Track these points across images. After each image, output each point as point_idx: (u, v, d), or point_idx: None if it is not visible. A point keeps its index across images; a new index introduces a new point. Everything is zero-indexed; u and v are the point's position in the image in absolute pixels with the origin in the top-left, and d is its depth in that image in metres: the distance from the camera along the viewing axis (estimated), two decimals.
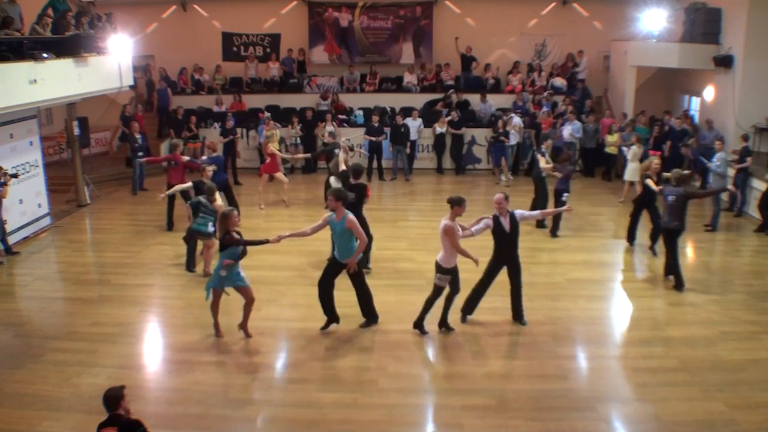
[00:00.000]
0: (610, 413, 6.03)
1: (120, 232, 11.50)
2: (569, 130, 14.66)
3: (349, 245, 7.24)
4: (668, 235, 8.83)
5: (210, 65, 17.45)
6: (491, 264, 7.61)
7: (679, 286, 8.74)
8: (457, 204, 7.08)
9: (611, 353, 7.21)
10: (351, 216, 7.17)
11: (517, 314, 7.77)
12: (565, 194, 10.66)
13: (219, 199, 9.27)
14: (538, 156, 11.35)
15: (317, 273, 9.22)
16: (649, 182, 9.65)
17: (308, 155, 14.12)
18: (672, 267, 8.86)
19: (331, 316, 7.57)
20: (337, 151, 12.45)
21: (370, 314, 7.68)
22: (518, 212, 7.56)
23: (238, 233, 7.13)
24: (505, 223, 7.42)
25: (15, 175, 10.14)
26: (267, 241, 7.26)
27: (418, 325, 7.49)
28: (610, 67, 17.52)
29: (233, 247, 7.02)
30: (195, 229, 9.08)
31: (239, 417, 6.00)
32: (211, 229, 8.91)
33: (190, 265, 9.51)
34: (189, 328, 7.72)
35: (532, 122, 15.53)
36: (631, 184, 12.74)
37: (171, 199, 11.06)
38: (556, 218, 11.09)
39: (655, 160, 10.06)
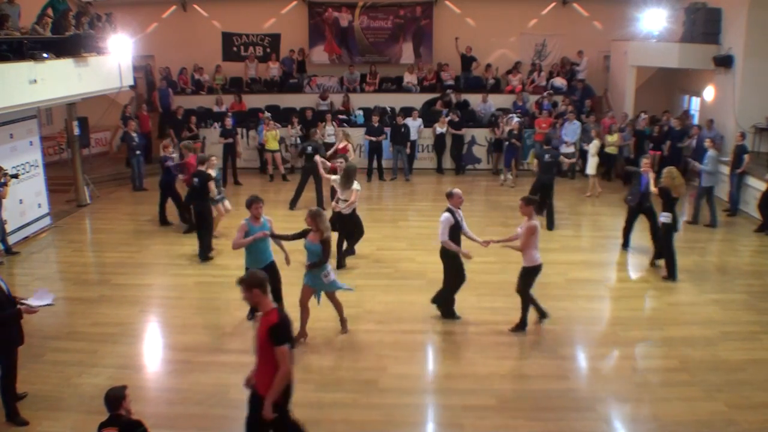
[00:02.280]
0: (610, 413, 6.03)
1: (120, 232, 11.50)
2: (568, 134, 14.55)
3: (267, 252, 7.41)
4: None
5: (210, 65, 17.45)
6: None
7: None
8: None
9: (611, 353, 7.21)
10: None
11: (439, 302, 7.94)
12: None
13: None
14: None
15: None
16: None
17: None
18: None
19: None
20: (309, 149, 12.47)
21: None
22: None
23: None
24: (459, 217, 7.53)
25: (15, 176, 10.13)
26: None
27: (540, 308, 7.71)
28: (610, 67, 17.51)
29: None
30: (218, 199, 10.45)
31: (239, 417, 5.98)
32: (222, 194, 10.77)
33: (207, 254, 9.77)
34: (189, 328, 7.73)
35: (532, 122, 15.54)
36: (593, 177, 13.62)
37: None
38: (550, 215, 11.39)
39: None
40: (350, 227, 9.52)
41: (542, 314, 7.71)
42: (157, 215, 11.76)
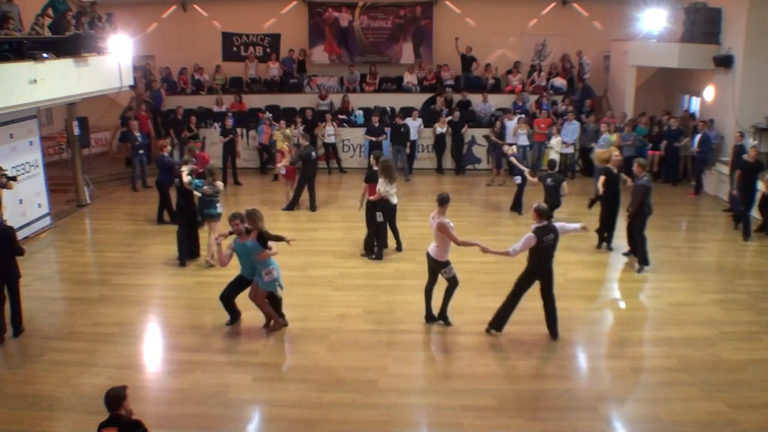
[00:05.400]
0: (610, 413, 6.03)
1: (120, 232, 11.50)
2: (558, 140, 14.30)
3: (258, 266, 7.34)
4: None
5: (210, 65, 17.45)
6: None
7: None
8: (447, 202, 7.37)
9: (611, 353, 7.21)
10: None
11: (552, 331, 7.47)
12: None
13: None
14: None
15: (317, 273, 9.32)
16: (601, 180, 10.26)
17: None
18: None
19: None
20: (314, 154, 12.51)
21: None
22: (558, 225, 7.31)
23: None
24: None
25: (14, 178, 10.09)
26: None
27: (443, 317, 7.64)
28: (610, 67, 17.52)
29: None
30: (208, 213, 9.46)
31: (239, 417, 6.01)
32: (220, 210, 9.52)
33: (186, 259, 9.73)
34: (189, 328, 7.73)
35: (532, 123, 15.53)
36: None
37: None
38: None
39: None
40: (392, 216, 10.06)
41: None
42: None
